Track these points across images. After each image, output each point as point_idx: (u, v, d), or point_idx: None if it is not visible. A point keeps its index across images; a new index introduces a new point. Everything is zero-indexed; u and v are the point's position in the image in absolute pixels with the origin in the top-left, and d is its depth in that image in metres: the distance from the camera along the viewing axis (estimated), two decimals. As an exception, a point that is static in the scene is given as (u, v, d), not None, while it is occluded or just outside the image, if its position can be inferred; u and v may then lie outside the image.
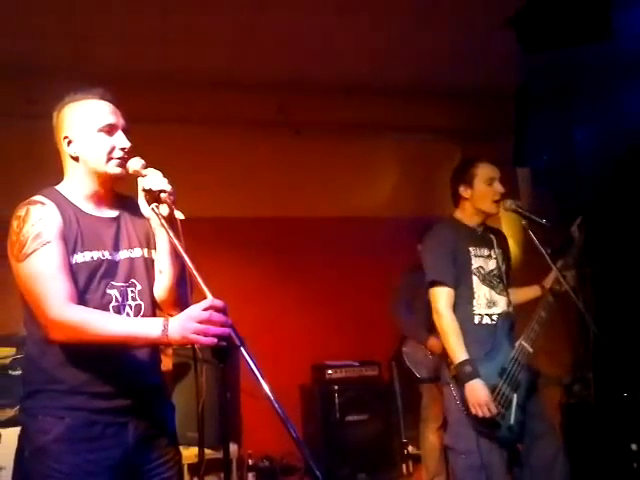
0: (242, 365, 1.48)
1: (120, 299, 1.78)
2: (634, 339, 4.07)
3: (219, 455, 1.81)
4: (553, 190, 4.62)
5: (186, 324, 1.55)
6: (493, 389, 2.61)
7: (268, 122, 4.75)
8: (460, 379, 2.61)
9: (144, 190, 1.78)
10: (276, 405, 1.45)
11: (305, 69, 4.44)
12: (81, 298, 1.70)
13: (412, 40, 4.12)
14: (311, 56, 4.27)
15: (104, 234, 1.81)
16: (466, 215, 2.87)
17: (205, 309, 1.54)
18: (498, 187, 2.80)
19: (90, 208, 1.83)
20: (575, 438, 3.84)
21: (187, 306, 1.61)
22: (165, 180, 1.77)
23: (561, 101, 4.56)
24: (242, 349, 1.49)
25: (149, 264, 1.87)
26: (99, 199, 1.85)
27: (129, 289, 1.80)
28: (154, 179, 1.77)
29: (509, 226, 4.24)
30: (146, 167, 1.81)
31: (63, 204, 1.77)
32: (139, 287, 1.82)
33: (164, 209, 1.75)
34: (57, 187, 1.84)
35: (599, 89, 4.26)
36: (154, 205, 1.76)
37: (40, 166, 2.04)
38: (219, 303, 1.54)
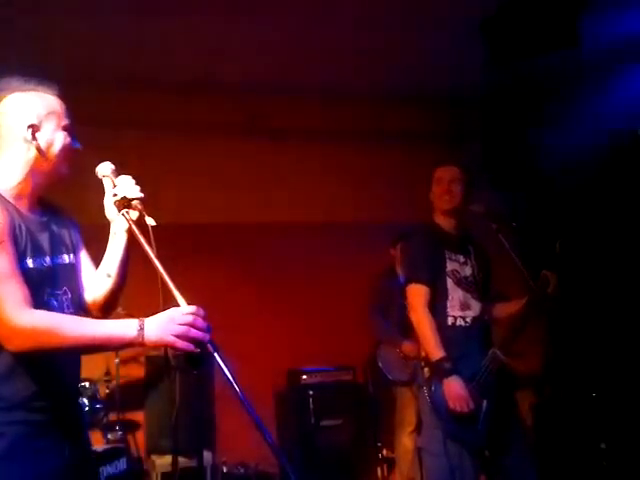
0: (216, 372, 1.47)
1: (59, 308, 1.71)
2: (602, 341, 4.15)
3: (193, 463, 1.80)
4: (521, 193, 4.69)
5: (166, 325, 1.52)
6: None
7: (243, 128, 4.74)
8: (438, 375, 2.63)
9: (115, 196, 1.75)
10: (251, 411, 1.44)
11: (280, 74, 4.45)
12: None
13: (386, 45, 4.16)
14: (286, 61, 4.28)
15: (41, 238, 1.71)
16: (439, 218, 2.93)
17: (187, 314, 1.52)
18: (449, 186, 2.88)
19: (23, 207, 1.70)
20: (545, 438, 3.90)
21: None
22: (137, 187, 1.75)
23: (529, 105, 4.64)
24: (216, 355, 1.48)
25: (77, 270, 1.83)
26: (32, 200, 1.73)
27: (64, 297, 1.75)
28: (126, 185, 1.75)
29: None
30: (116, 172, 1.79)
31: (4, 202, 1.64)
32: (69, 295, 1.77)
33: (134, 215, 1.73)
34: None
35: (566, 93, 4.35)
36: (125, 211, 1.73)
37: None
38: (200, 310, 1.53)
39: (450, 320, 2.76)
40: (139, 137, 4.35)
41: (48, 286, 1.70)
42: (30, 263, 1.64)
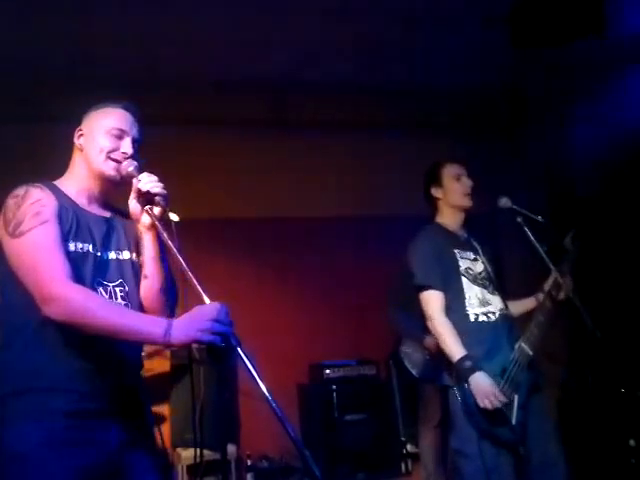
0: (240, 366, 1.47)
1: (107, 298, 1.76)
2: (631, 335, 4.08)
3: (218, 456, 1.81)
4: (548, 188, 4.62)
5: (191, 323, 1.54)
6: None
7: (260, 122, 4.74)
8: (461, 375, 2.60)
9: (139, 193, 1.78)
10: (274, 405, 1.44)
11: (297, 68, 4.44)
12: None
13: (404, 37, 4.12)
14: (303, 55, 4.27)
15: (95, 230, 1.82)
16: (445, 217, 2.89)
17: (211, 309, 1.54)
18: (467, 181, 2.86)
19: (83, 203, 1.84)
20: (573, 435, 3.84)
21: (173, 313, 1.59)
22: (160, 183, 1.78)
23: (557, 100, 4.56)
24: (239, 350, 1.49)
25: (137, 268, 1.88)
26: (91, 197, 1.87)
27: (117, 289, 1.80)
28: (149, 182, 1.77)
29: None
30: (138, 169, 1.82)
31: (59, 194, 1.79)
32: (127, 288, 1.82)
33: (158, 211, 1.76)
34: (54, 182, 1.86)
35: (594, 87, 4.26)
36: (148, 207, 1.77)
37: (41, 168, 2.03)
38: (223, 305, 1.55)
39: (472, 317, 2.72)
40: (161, 134, 4.37)
41: (96, 275, 1.76)
42: (72, 246, 1.72)
